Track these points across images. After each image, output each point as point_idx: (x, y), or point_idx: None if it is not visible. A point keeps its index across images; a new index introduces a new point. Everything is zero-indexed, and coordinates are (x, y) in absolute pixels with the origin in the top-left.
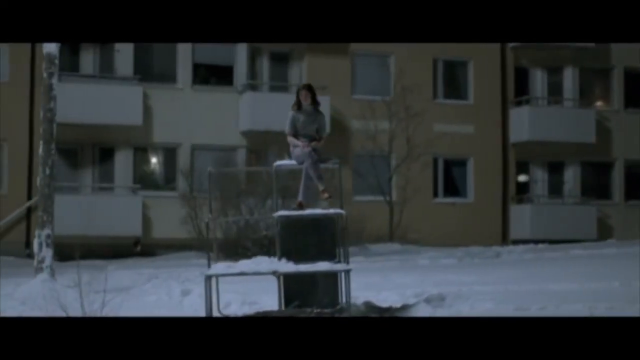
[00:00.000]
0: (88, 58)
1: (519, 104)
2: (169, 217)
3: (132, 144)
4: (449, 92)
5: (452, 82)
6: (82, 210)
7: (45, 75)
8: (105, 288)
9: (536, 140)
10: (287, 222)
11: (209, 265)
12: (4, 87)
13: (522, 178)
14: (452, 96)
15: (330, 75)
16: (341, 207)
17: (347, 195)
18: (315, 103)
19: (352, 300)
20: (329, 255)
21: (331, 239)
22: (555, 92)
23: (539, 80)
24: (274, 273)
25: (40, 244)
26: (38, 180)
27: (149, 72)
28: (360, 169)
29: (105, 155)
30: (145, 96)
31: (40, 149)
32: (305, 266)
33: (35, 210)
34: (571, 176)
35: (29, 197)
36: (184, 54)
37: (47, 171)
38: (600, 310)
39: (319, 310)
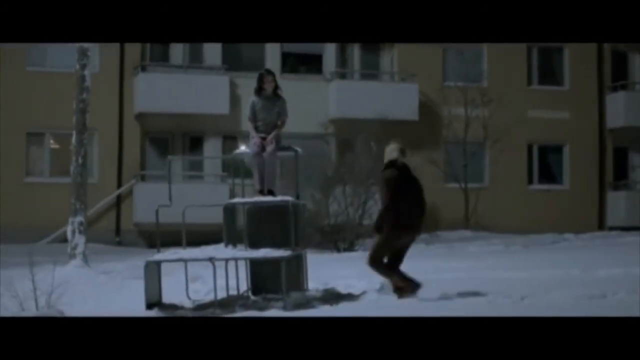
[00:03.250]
0: (178, 48)
1: (615, 89)
2: None
3: (220, 132)
4: (543, 79)
5: (547, 68)
6: (172, 198)
7: (77, 66)
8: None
9: (634, 126)
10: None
11: (158, 252)
12: (95, 78)
13: None
14: (547, 82)
15: (421, 62)
16: (297, 196)
17: (437, 182)
18: (276, 88)
19: (318, 286)
20: (285, 243)
21: (287, 226)
22: None
23: (637, 64)
24: (211, 260)
25: (74, 231)
26: (71, 169)
27: (237, 62)
28: (452, 156)
29: (195, 144)
30: (234, 85)
31: (73, 139)
32: (241, 253)
33: (125, 199)
34: None
35: (119, 186)
36: (273, 43)
37: (80, 160)
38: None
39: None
